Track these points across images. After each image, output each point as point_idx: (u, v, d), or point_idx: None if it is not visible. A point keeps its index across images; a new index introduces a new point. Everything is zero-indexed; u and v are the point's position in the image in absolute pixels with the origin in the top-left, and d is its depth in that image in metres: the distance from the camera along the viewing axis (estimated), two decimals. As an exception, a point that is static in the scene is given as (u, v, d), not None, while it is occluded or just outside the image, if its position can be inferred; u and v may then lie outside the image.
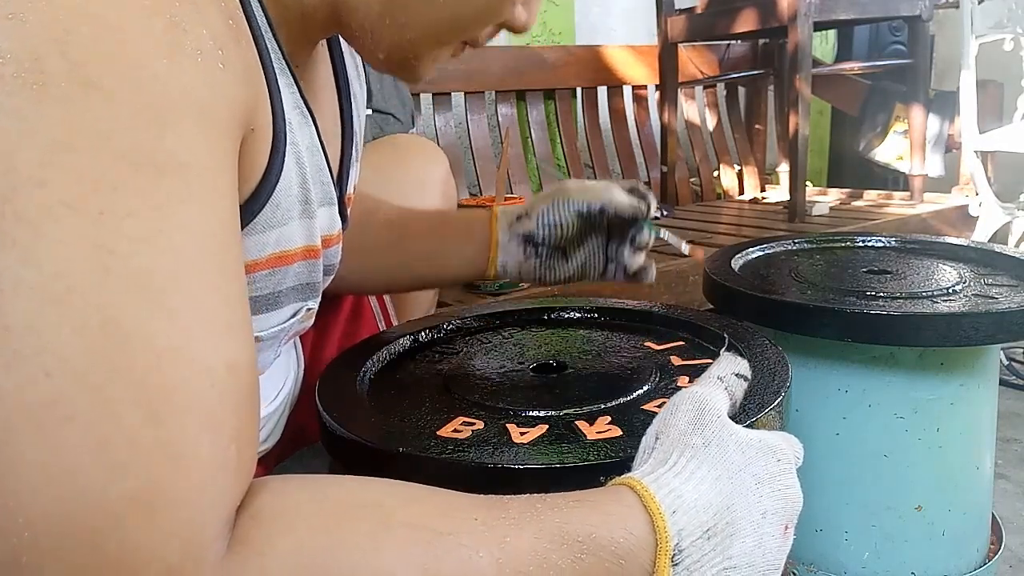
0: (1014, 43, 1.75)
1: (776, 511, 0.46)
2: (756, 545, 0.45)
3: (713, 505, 0.43)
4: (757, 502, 0.45)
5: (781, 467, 0.47)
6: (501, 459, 0.46)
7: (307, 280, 0.55)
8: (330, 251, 0.59)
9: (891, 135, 2.18)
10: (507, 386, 0.60)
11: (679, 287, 1.38)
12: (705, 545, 0.42)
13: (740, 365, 0.52)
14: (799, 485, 0.48)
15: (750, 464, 0.45)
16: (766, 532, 0.45)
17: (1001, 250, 0.93)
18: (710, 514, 0.42)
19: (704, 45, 2.19)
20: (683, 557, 0.41)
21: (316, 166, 0.53)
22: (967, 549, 0.82)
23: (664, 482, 0.42)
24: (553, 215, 0.71)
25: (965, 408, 0.78)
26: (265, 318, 0.53)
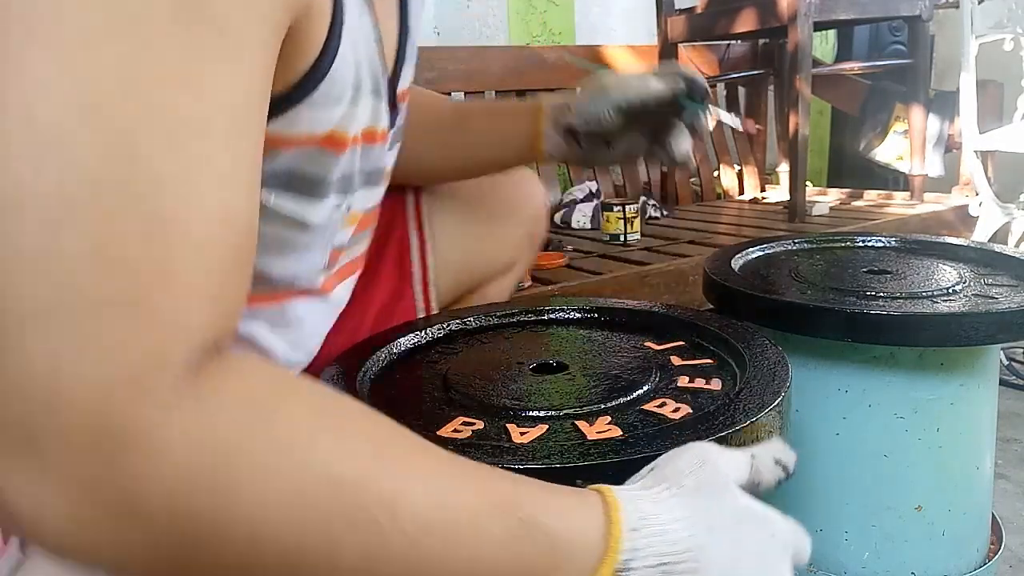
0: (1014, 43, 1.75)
1: (750, 571, 0.40)
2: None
3: (680, 544, 0.39)
4: (728, 554, 0.40)
5: (773, 544, 0.42)
6: (501, 459, 0.46)
7: (348, 171, 0.56)
8: (375, 150, 0.59)
9: (891, 135, 2.18)
10: (507, 386, 0.60)
11: (679, 287, 1.38)
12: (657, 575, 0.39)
13: (784, 452, 0.48)
14: (786, 558, 0.42)
15: (739, 526, 0.41)
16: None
17: (1001, 250, 0.93)
18: (674, 549, 0.39)
19: (704, 45, 2.20)
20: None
21: (370, 56, 0.54)
22: (967, 549, 0.82)
23: (637, 502, 0.40)
24: (592, 110, 0.73)
25: (965, 408, 0.78)
26: (312, 206, 0.54)
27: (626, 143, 0.77)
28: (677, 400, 0.56)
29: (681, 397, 0.56)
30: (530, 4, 2.10)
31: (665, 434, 0.48)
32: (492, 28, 2.05)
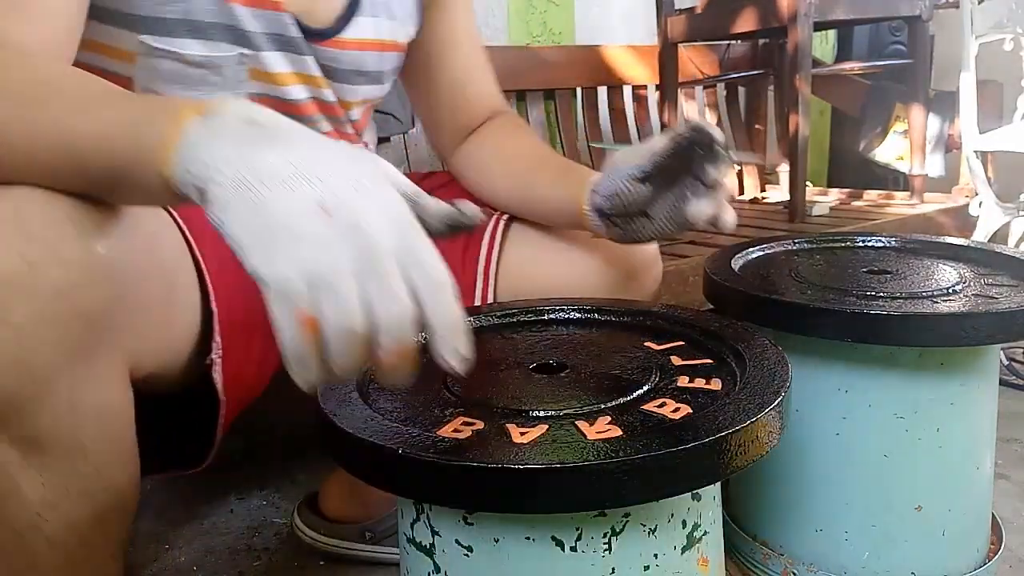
0: (1014, 43, 1.75)
1: (330, 177, 0.41)
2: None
3: (275, 117, 0.44)
4: (320, 151, 0.43)
5: (368, 160, 0.44)
6: (501, 459, 0.46)
7: (219, 19, 0.66)
8: (276, 17, 0.69)
9: (891, 135, 2.18)
10: (507, 386, 0.60)
11: (679, 287, 1.38)
12: (242, 126, 0.43)
13: (468, 207, 0.49)
14: (389, 199, 0.42)
15: (340, 143, 0.46)
16: (298, 182, 0.40)
17: (1001, 250, 0.93)
18: (265, 117, 0.44)
19: (704, 45, 2.19)
20: (215, 116, 0.43)
21: None
22: (967, 549, 0.82)
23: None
24: (609, 188, 0.72)
25: (965, 408, 0.78)
26: (186, 42, 0.65)
27: (662, 211, 0.71)
28: (677, 400, 0.56)
29: (681, 397, 0.56)
30: (530, 4, 2.10)
31: (665, 434, 0.48)
32: (492, 28, 2.05)
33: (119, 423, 0.58)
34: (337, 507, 1.00)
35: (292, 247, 0.38)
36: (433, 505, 0.53)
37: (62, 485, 0.55)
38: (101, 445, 0.56)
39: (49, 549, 0.56)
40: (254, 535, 1.09)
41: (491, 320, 0.77)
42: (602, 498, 0.45)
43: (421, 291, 0.40)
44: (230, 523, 1.13)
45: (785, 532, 0.84)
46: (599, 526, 0.50)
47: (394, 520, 0.98)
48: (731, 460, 0.48)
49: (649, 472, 0.45)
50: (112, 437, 0.57)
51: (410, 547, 0.57)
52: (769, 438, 0.51)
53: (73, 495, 0.56)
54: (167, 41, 0.65)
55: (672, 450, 0.46)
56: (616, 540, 0.50)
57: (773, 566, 0.85)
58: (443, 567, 0.54)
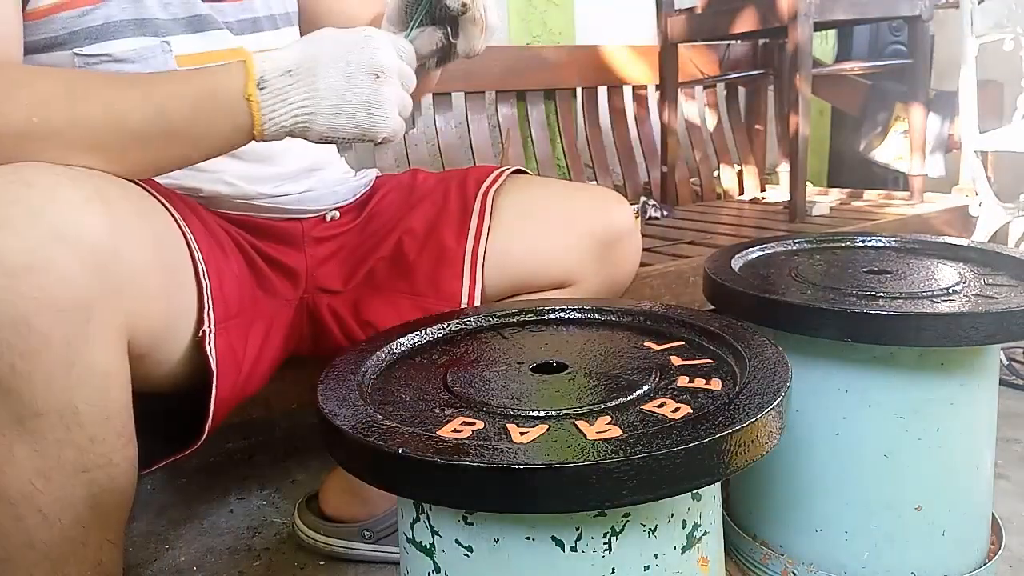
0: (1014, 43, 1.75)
1: (361, 62, 0.63)
2: (344, 83, 0.63)
3: (295, 58, 0.63)
4: (340, 54, 0.63)
5: (366, 37, 0.64)
6: (501, 459, 0.46)
7: (135, 16, 0.73)
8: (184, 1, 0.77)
9: (891, 135, 2.18)
10: (507, 386, 0.60)
11: (679, 287, 1.38)
12: (287, 79, 0.62)
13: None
14: (389, 50, 0.65)
15: (338, 37, 0.64)
16: (354, 74, 0.63)
17: (1001, 250, 0.93)
18: (291, 62, 0.62)
19: (704, 45, 2.19)
20: (267, 84, 0.62)
21: None
22: (967, 549, 0.82)
23: (265, 53, 0.63)
24: None
25: (965, 408, 0.78)
26: (113, 43, 0.72)
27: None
28: (677, 400, 0.56)
29: (681, 397, 0.56)
30: (530, 4, 2.10)
31: (665, 434, 0.48)
32: (492, 28, 2.05)
33: (114, 392, 0.59)
34: (336, 507, 1.01)
35: (382, 107, 0.65)
36: (433, 505, 0.53)
37: (54, 454, 0.56)
38: (95, 413, 0.57)
39: (44, 524, 0.57)
40: (254, 535, 1.09)
41: (491, 320, 0.77)
42: (602, 498, 0.45)
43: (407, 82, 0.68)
44: (230, 523, 1.13)
45: (785, 532, 0.84)
46: (599, 526, 0.50)
47: (393, 519, 0.98)
48: (731, 460, 0.48)
49: (649, 472, 0.45)
50: (107, 406, 0.58)
51: (410, 547, 0.57)
52: (769, 438, 0.51)
53: (67, 467, 0.57)
54: (98, 47, 0.72)
55: (672, 450, 0.46)
56: (616, 540, 0.50)
57: (773, 566, 0.85)
58: (443, 567, 0.54)
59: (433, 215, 0.92)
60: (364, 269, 0.91)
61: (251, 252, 0.84)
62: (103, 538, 0.62)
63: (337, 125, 0.63)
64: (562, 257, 0.90)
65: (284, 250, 0.87)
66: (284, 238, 0.87)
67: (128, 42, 0.73)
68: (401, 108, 0.66)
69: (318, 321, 0.90)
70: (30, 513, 0.56)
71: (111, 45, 0.72)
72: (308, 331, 0.91)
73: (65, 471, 0.57)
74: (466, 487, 0.46)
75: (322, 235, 0.91)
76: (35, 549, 0.57)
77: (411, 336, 0.71)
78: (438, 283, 0.88)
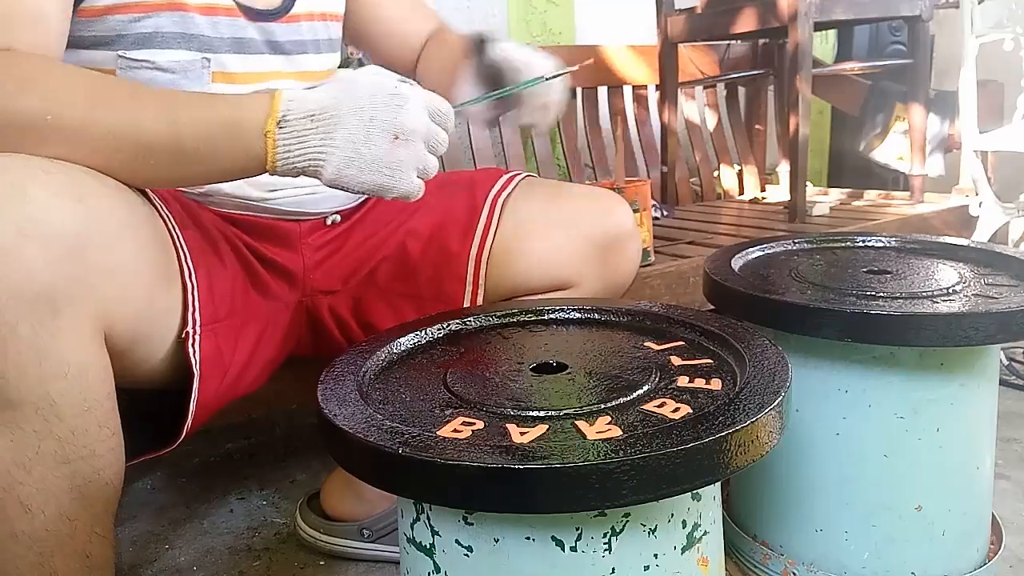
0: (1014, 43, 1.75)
1: (385, 121, 0.64)
2: (362, 138, 0.63)
3: (321, 102, 0.63)
4: (365, 108, 0.64)
5: (395, 95, 0.64)
6: (501, 459, 0.46)
7: (184, 30, 0.75)
8: (231, 22, 0.78)
9: (891, 135, 2.18)
10: (507, 386, 0.60)
11: (679, 287, 1.38)
12: (307, 122, 0.63)
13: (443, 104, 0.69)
14: (419, 114, 0.65)
15: (370, 87, 0.64)
16: (374, 131, 0.64)
17: (1001, 250, 0.93)
18: (316, 106, 0.63)
19: (704, 45, 2.19)
20: (287, 124, 0.62)
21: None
22: (967, 549, 0.82)
23: (296, 91, 0.64)
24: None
25: (965, 408, 0.78)
26: (158, 52, 0.74)
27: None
28: (677, 400, 0.56)
29: (681, 397, 0.56)
30: (530, 4, 2.10)
31: (665, 434, 0.48)
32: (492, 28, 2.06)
33: (92, 384, 0.58)
34: (337, 506, 1.01)
35: (396, 169, 0.65)
36: (433, 505, 0.53)
37: (33, 445, 0.56)
38: (73, 405, 0.57)
39: (26, 516, 0.57)
40: (254, 535, 1.09)
41: (491, 320, 0.77)
42: (602, 498, 0.45)
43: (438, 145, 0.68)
44: (230, 523, 1.13)
45: (785, 532, 0.84)
46: (599, 526, 0.50)
47: (392, 518, 0.98)
48: (731, 460, 0.48)
49: (649, 472, 0.45)
50: (85, 397, 0.58)
51: (410, 547, 0.57)
52: (769, 438, 0.51)
53: (47, 458, 0.57)
54: (143, 53, 0.74)
55: (672, 450, 0.46)
56: (616, 540, 0.50)
57: (773, 566, 0.85)
58: (443, 567, 0.54)
59: (439, 218, 0.92)
60: (365, 269, 0.90)
61: (247, 254, 0.84)
62: (91, 531, 0.61)
63: (346, 176, 0.64)
64: (561, 260, 0.90)
65: (281, 252, 0.87)
66: (282, 239, 0.87)
67: (172, 53, 0.75)
68: (421, 171, 0.67)
69: (318, 322, 0.90)
70: (11, 504, 0.56)
71: (155, 53, 0.74)
72: (308, 332, 0.91)
73: (46, 462, 0.57)
74: (466, 487, 0.46)
75: (320, 239, 0.90)
76: (18, 541, 0.58)
77: (411, 336, 0.71)
78: (440, 287, 0.88)
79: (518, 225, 0.91)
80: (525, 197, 0.94)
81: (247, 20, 0.80)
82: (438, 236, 0.90)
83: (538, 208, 0.93)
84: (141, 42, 0.74)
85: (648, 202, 1.35)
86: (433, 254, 0.90)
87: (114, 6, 0.72)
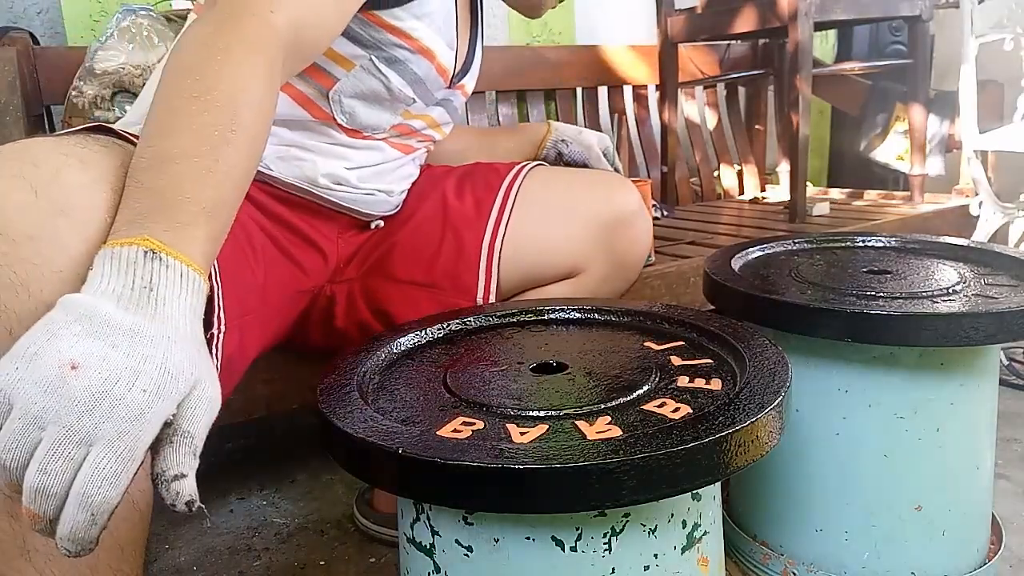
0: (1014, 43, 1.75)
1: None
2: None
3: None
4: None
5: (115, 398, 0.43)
6: (501, 459, 0.46)
7: (419, 72, 0.84)
8: (439, 82, 0.88)
9: (891, 135, 2.18)
10: (507, 386, 0.60)
11: (679, 287, 1.38)
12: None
13: None
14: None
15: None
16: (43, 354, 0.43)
17: (1001, 250, 0.93)
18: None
19: (704, 45, 2.19)
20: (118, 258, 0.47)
21: (448, 23, 0.86)
22: (967, 549, 0.82)
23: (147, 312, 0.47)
24: (579, 154, 1.15)
25: (965, 408, 0.78)
26: (394, 76, 0.83)
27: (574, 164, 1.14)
28: (677, 400, 0.56)
29: (681, 397, 0.56)
30: (530, 4, 2.10)
31: (665, 434, 0.48)
32: (492, 28, 2.05)
33: None
34: (386, 504, 1.06)
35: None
36: (433, 505, 0.53)
37: None
38: None
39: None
40: (254, 535, 1.09)
41: (491, 320, 0.77)
42: (602, 498, 0.45)
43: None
44: (230, 523, 1.13)
45: (785, 532, 0.84)
46: (599, 526, 0.50)
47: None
48: (731, 460, 0.48)
49: (649, 472, 0.45)
50: None
51: (410, 547, 0.57)
52: (769, 438, 0.51)
53: None
54: (386, 69, 0.82)
55: (672, 450, 0.46)
56: (616, 540, 0.50)
57: (773, 566, 0.85)
58: (443, 567, 0.54)
59: (452, 207, 0.94)
60: (379, 252, 0.93)
61: (285, 237, 0.85)
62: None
63: None
64: (567, 247, 0.92)
65: (322, 233, 0.89)
66: (325, 222, 0.89)
67: (401, 83, 0.84)
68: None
69: (332, 307, 0.91)
70: None
71: (393, 76, 0.83)
72: (320, 321, 0.92)
73: None
74: (466, 487, 0.46)
75: (357, 238, 0.94)
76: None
77: (411, 336, 0.71)
78: (456, 276, 0.90)
79: (527, 214, 0.93)
80: (535, 186, 0.96)
81: (446, 85, 0.90)
82: (452, 225, 0.93)
83: (546, 195, 0.95)
84: (390, 62, 0.81)
85: (648, 201, 1.35)
86: (448, 244, 0.92)
87: (396, 29, 0.80)
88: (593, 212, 0.93)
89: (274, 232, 0.84)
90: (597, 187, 0.95)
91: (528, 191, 0.95)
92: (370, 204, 0.91)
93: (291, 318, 0.89)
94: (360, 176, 0.88)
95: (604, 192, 0.94)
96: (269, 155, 0.83)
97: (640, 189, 1.34)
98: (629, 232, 0.95)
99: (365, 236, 0.95)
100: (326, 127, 0.84)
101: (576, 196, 0.94)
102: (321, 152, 0.85)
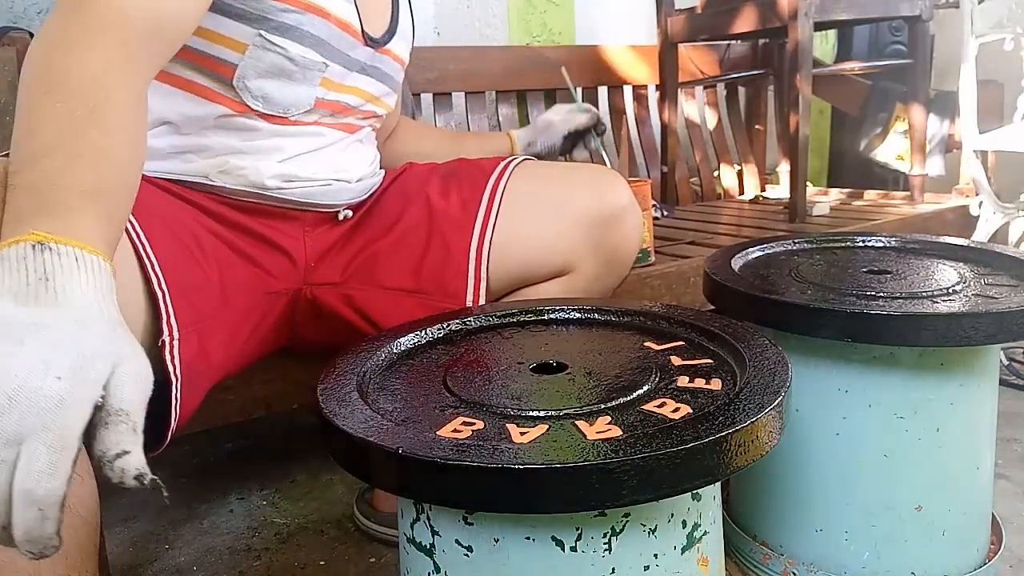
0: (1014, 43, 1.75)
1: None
2: None
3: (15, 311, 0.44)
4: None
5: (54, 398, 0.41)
6: (501, 459, 0.46)
7: (318, 33, 0.79)
8: (352, 43, 0.84)
9: (891, 135, 2.18)
10: (507, 386, 0.60)
11: (679, 287, 1.38)
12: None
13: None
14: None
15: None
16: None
17: (1001, 250, 0.93)
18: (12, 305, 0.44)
19: (704, 45, 2.19)
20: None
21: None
22: (967, 549, 0.82)
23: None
24: (548, 141, 1.20)
25: (965, 408, 0.78)
26: (293, 44, 0.78)
27: (553, 152, 1.20)
28: (677, 400, 0.56)
29: (681, 397, 0.56)
30: (530, 4, 2.10)
31: (665, 434, 0.48)
32: (492, 28, 2.05)
33: None
34: (386, 504, 1.06)
35: None
36: (433, 505, 0.53)
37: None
38: None
39: None
40: (254, 535, 1.09)
41: (491, 320, 0.77)
42: (602, 498, 0.45)
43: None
44: (230, 523, 1.13)
45: (785, 532, 0.84)
46: (599, 526, 0.50)
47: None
48: (731, 460, 0.48)
49: (649, 472, 0.45)
50: None
51: (410, 547, 0.57)
52: (769, 438, 0.51)
53: None
54: (281, 40, 0.77)
55: (672, 450, 0.46)
56: (616, 540, 0.50)
57: (773, 566, 0.85)
58: (443, 567, 0.54)
59: (437, 208, 0.92)
60: (367, 263, 0.90)
61: (243, 242, 0.83)
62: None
63: None
64: (558, 245, 0.90)
65: (285, 235, 0.87)
66: (288, 223, 0.87)
67: (303, 49, 0.79)
68: None
69: (321, 311, 0.90)
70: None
71: (290, 44, 0.78)
72: (314, 324, 0.91)
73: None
74: (466, 487, 0.46)
75: (327, 234, 0.91)
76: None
77: (411, 336, 0.71)
78: (444, 283, 0.88)
79: (515, 212, 0.91)
80: (521, 181, 0.94)
81: (361, 44, 0.86)
82: (438, 229, 0.90)
83: (533, 191, 0.93)
84: (282, 30, 0.77)
85: (648, 202, 1.35)
86: (435, 248, 0.90)
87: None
88: (583, 208, 0.90)
89: (228, 236, 0.82)
90: (586, 182, 0.92)
91: (515, 187, 0.93)
92: (329, 195, 0.88)
93: (270, 321, 0.86)
94: (306, 166, 0.85)
95: (594, 188, 0.92)
96: (209, 169, 0.80)
97: (640, 190, 1.35)
98: (620, 228, 0.92)
99: (338, 231, 0.92)
100: (248, 120, 0.80)
101: (565, 192, 0.92)
102: (256, 152, 0.82)
